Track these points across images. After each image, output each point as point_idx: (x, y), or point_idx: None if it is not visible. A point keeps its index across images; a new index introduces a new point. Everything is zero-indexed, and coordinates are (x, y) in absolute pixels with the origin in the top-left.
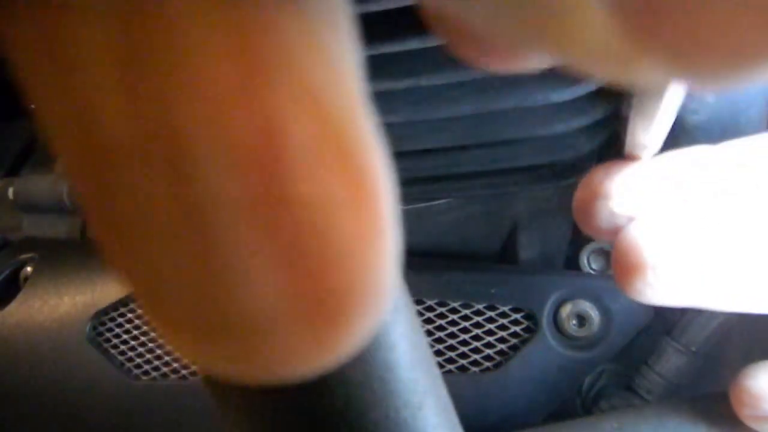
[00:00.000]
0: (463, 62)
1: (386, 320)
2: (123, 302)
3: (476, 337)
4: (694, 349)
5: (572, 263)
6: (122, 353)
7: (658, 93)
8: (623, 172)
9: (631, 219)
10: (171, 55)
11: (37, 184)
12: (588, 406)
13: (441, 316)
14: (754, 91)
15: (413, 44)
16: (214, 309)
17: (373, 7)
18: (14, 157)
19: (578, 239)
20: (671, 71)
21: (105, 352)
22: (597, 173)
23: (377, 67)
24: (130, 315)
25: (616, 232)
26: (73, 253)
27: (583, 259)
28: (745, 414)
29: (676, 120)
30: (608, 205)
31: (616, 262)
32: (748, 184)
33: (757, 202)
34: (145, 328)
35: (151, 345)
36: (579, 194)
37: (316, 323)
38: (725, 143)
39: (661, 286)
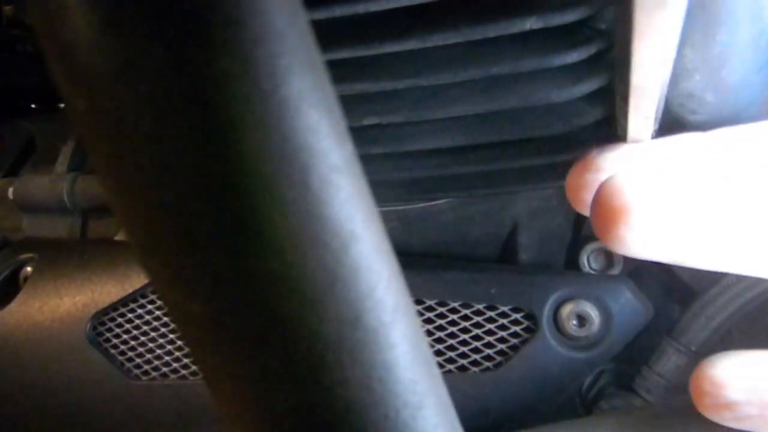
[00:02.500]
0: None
1: (386, 320)
2: (123, 302)
3: (476, 337)
4: (694, 349)
5: (572, 263)
6: (122, 353)
7: (643, 71)
8: (615, 151)
9: None
10: None
11: (37, 184)
12: (588, 406)
13: (441, 316)
14: (754, 91)
15: (413, 44)
16: None
17: (373, 7)
18: (14, 157)
19: (578, 239)
20: None
21: (105, 352)
22: (591, 152)
23: (377, 67)
24: (130, 315)
25: None
26: (73, 253)
27: (583, 259)
28: (705, 403)
29: (675, 119)
30: (599, 179)
31: (597, 207)
32: (737, 166)
33: (743, 166)
34: (145, 328)
35: (151, 345)
36: (572, 171)
37: None
38: (715, 131)
39: (642, 232)
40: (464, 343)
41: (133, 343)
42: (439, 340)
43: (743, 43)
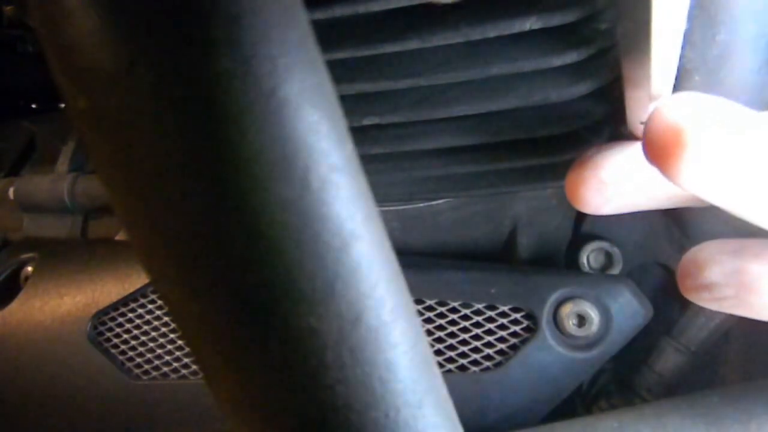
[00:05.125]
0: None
1: (386, 319)
2: (123, 302)
3: (476, 337)
4: (693, 349)
5: (572, 263)
6: (122, 353)
7: (646, 63)
8: (615, 150)
9: (617, 193)
10: None
11: (38, 184)
12: (588, 405)
13: (441, 316)
14: (754, 91)
15: (413, 44)
16: None
17: (374, 7)
18: (15, 157)
19: (578, 239)
20: None
21: (105, 351)
22: (591, 151)
23: (377, 67)
24: (130, 315)
25: (603, 203)
26: (73, 253)
27: (583, 259)
28: (686, 285)
29: None
30: (598, 175)
31: (652, 139)
32: None
33: None
34: (145, 327)
35: (151, 345)
36: (573, 169)
37: None
38: None
39: (702, 164)
40: (464, 342)
41: (133, 342)
42: (439, 340)
43: (743, 44)
